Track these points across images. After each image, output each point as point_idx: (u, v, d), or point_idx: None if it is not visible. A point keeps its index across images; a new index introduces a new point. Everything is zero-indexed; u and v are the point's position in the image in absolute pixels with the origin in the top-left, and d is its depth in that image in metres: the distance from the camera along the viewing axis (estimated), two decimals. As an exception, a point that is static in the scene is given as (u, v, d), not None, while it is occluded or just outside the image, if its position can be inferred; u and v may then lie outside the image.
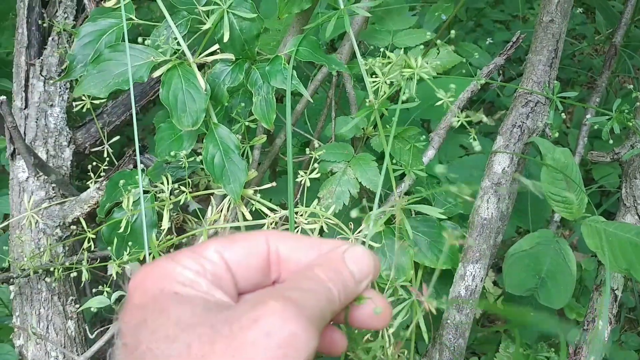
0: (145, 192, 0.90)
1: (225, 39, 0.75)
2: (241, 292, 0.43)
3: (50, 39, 1.25)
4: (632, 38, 1.90)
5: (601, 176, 1.61)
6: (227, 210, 0.82)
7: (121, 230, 0.87)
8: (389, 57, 0.78)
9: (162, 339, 0.36)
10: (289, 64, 0.79)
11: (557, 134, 0.92)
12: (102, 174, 1.15)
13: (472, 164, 1.20)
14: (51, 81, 1.22)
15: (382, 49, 0.83)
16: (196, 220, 1.13)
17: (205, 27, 0.76)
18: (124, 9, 0.77)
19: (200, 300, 0.39)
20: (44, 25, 1.23)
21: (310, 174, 0.81)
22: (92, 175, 1.14)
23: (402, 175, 0.89)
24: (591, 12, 2.75)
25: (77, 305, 1.16)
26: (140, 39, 0.77)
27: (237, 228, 0.83)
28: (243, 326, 0.35)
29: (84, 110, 1.20)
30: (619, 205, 0.99)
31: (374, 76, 0.81)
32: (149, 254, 0.86)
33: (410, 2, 1.74)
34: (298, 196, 0.93)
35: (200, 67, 0.78)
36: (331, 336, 0.46)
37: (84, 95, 1.23)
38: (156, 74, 0.75)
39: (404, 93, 0.76)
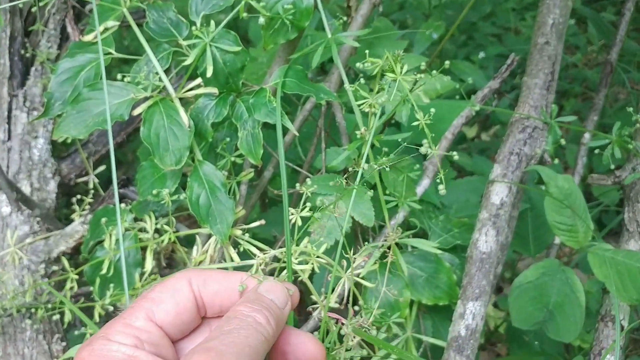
0: (127, 229, 0.87)
1: (209, 74, 0.72)
2: (176, 340, 0.46)
3: (33, 69, 1.21)
4: (625, 51, 1.88)
5: (600, 193, 1.58)
6: (214, 251, 0.79)
7: (103, 271, 0.83)
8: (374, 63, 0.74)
9: None
10: (274, 95, 0.76)
11: (556, 161, 0.89)
12: (87, 206, 1.11)
13: (467, 187, 1.16)
14: (39, 111, 1.19)
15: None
16: (186, 249, 1.10)
17: (187, 61, 0.72)
18: (101, 45, 0.74)
19: None
20: (27, 55, 1.20)
21: (301, 211, 0.77)
22: (76, 208, 1.11)
23: (396, 207, 0.86)
24: (583, 22, 2.74)
25: (64, 344, 1.12)
26: (119, 75, 0.74)
27: (225, 269, 0.80)
28: None
29: (69, 140, 1.17)
30: (622, 230, 0.95)
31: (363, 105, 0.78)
32: (131, 297, 0.83)
33: (400, 29, 1.71)
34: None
35: (183, 102, 0.74)
36: None
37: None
38: (137, 111, 0.72)
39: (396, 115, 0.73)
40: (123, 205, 0.89)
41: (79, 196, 1.10)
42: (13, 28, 1.21)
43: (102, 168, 1.23)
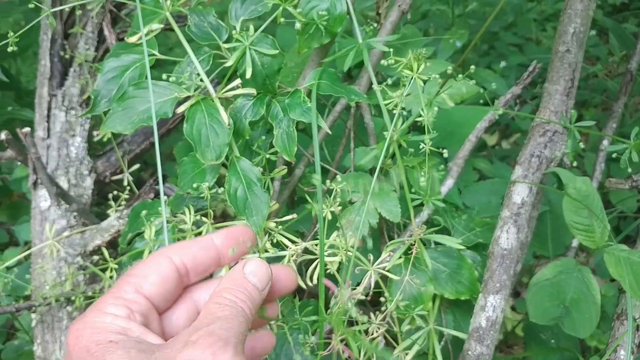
0: (167, 221, 0.91)
1: (248, 75, 0.76)
2: (162, 312, 0.49)
3: (71, 70, 1.27)
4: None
5: (619, 200, 1.61)
6: (249, 242, 0.83)
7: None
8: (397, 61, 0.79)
9: None
10: (308, 97, 0.81)
11: (575, 163, 0.92)
12: (123, 202, 1.16)
13: (489, 189, 1.20)
14: (75, 113, 1.24)
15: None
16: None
17: (227, 63, 0.77)
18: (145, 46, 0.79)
19: (134, 344, 0.42)
20: (66, 56, 1.26)
21: (331, 207, 0.81)
22: (112, 203, 1.16)
23: (421, 205, 0.90)
24: (604, 33, 2.76)
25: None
26: (164, 76, 0.79)
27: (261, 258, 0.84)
28: None
29: (105, 139, 1.23)
30: (639, 235, 0.98)
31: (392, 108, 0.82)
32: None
33: (427, 35, 1.76)
34: (316, 227, 0.94)
35: (223, 101, 0.79)
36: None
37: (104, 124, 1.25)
38: (180, 109, 0.77)
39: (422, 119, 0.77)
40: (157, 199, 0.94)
41: (115, 192, 1.15)
42: (54, 31, 1.27)
43: (136, 166, 1.28)
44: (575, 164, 0.93)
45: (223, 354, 0.40)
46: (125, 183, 1.24)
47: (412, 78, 0.75)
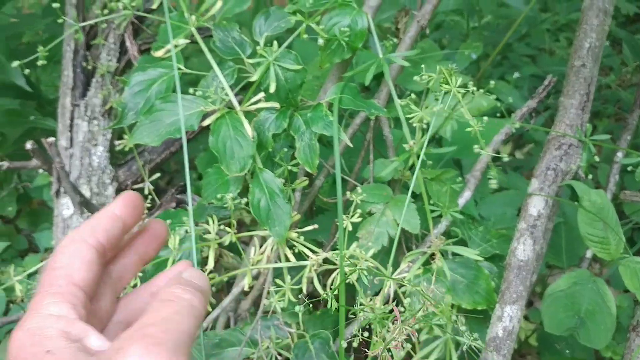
0: (188, 231, 0.94)
1: (272, 89, 0.79)
2: (92, 297, 0.46)
3: (94, 80, 1.29)
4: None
5: (633, 211, 1.62)
6: (271, 251, 0.85)
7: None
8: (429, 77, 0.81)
9: None
10: (329, 110, 0.83)
11: (590, 176, 0.94)
12: (145, 211, 1.19)
13: (504, 201, 1.21)
14: (97, 123, 1.27)
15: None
16: (232, 254, 1.16)
17: (252, 78, 0.80)
18: (175, 59, 0.81)
19: (70, 348, 0.40)
20: (88, 67, 1.29)
21: (352, 217, 0.83)
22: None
23: (439, 217, 0.91)
24: (617, 43, 2.77)
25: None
26: (191, 90, 0.81)
27: (280, 269, 0.86)
28: None
29: (126, 149, 1.25)
30: (653, 245, 1.00)
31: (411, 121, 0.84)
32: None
33: (441, 46, 1.77)
34: (336, 237, 0.96)
35: (246, 115, 0.81)
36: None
37: (125, 134, 1.28)
38: (205, 122, 0.79)
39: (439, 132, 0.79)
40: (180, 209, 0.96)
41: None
42: (76, 42, 1.30)
43: (156, 175, 1.30)
44: (590, 176, 0.94)
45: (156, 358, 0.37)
46: (147, 192, 1.26)
47: (450, 92, 0.77)
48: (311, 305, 0.86)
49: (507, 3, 2.08)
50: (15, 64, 0.86)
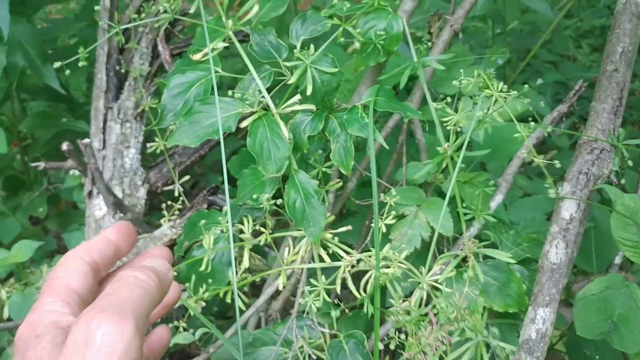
0: (222, 231, 0.95)
1: (309, 92, 0.80)
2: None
3: (127, 83, 1.32)
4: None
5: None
6: (305, 252, 0.86)
7: (202, 268, 0.91)
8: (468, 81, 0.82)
9: None
10: (364, 112, 0.84)
11: (623, 180, 0.94)
12: (177, 212, 1.21)
13: (533, 205, 1.22)
14: (130, 126, 1.29)
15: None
16: (259, 257, 1.18)
17: (290, 81, 0.81)
18: (212, 62, 0.83)
19: (58, 333, 0.46)
20: (121, 71, 1.31)
21: (386, 219, 0.84)
22: (164, 213, 1.20)
23: (471, 220, 0.92)
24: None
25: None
26: (229, 92, 0.82)
27: (313, 270, 0.87)
28: (69, 347, 0.43)
29: (157, 151, 1.27)
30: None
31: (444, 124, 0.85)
32: (227, 292, 0.91)
33: (475, 53, 1.78)
34: (368, 238, 0.97)
35: (282, 117, 0.83)
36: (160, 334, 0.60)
37: (156, 136, 1.30)
38: (243, 124, 0.81)
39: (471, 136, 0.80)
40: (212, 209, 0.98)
41: (168, 202, 1.19)
42: (110, 46, 1.32)
43: (186, 178, 1.32)
44: (623, 181, 0.94)
45: (107, 326, 0.43)
46: (177, 194, 1.28)
47: (489, 96, 0.78)
48: (343, 306, 0.87)
49: (531, 9, 2.09)
50: (57, 64, 0.88)
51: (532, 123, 0.89)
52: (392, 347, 0.73)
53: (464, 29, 2.19)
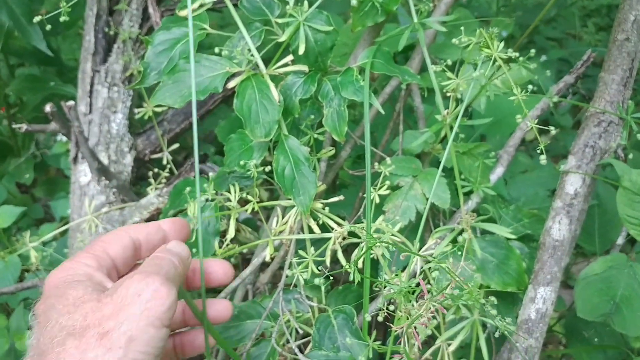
0: (209, 200, 0.91)
1: (301, 51, 0.75)
2: (120, 275, 0.58)
3: (115, 46, 1.26)
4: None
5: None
6: (294, 222, 0.82)
7: (186, 238, 0.87)
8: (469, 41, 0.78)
9: (65, 314, 0.49)
10: (360, 75, 0.79)
11: (631, 155, 0.89)
12: (163, 180, 1.16)
13: (536, 181, 1.17)
14: (117, 90, 1.24)
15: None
16: (249, 229, 1.13)
17: (281, 39, 0.76)
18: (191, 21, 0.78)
19: (91, 284, 0.52)
20: (110, 33, 1.25)
21: (379, 189, 0.80)
22: (150, 181, 1.16)
23: (469, 193, 0.87)
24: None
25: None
26: (216, 49, 0.77)
27: (303, 240, 0.83)
28: (120, 294, 0.50)
29: (145, 117, 1.22)
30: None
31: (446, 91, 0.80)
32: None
33: (479, 17, 1.72)
34: (361, 211, 0.92)
35: (273, 78, 0.78)
36: (193, 337, 0.65)
37: (145, 102, 1.25)
38: (230, 84, 0.76)
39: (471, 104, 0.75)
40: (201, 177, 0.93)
41: (155, 170, 1.15)
42: (99, 7, 1.26)
43: (175, 146, 1.27)
44: (631, 155, 0.90)
45: (154, 283, 0.51)
46: (165, 162, 1.23)
47: (490, 59, 0.72)
48: (332, 279, 0.82)
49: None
50: (37, 19, 0.83)
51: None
52: (380, 319, 0.69)
53: (468, 1, 2.13)
